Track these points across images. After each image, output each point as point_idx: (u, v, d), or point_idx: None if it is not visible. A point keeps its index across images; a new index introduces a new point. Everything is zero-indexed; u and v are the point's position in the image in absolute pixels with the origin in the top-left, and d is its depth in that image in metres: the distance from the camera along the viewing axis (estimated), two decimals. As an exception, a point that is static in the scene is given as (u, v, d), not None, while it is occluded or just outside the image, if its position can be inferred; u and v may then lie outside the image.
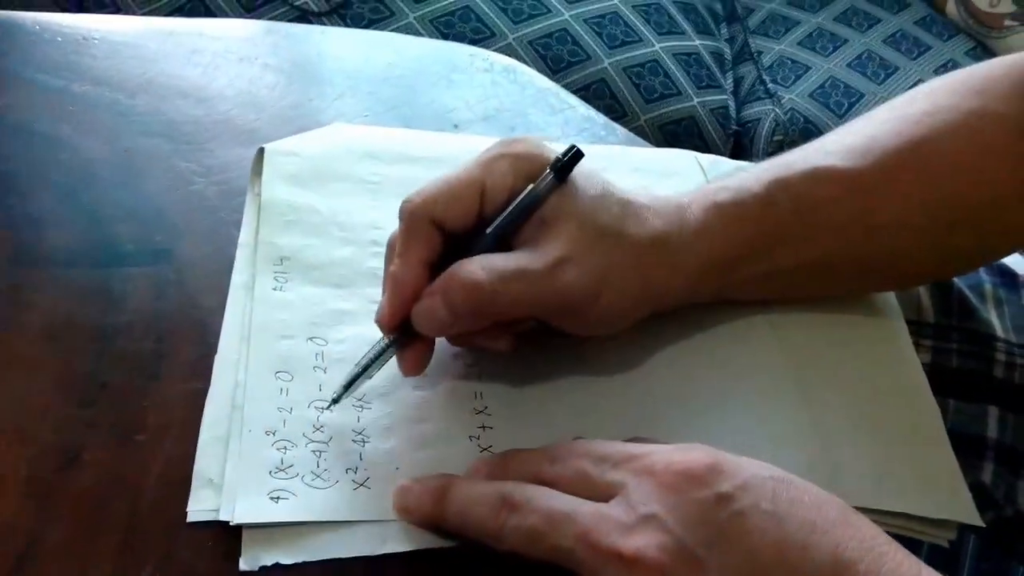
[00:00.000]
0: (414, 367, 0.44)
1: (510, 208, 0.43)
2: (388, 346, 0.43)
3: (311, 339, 0.47)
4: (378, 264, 0.51)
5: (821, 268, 0.51)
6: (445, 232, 0.43)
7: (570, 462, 0.40)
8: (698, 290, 0.48)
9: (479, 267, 0.41)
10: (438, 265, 0.43)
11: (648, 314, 0.47)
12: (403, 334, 0.43)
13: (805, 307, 0.53)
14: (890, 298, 0.55)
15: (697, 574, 0.35)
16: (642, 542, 0.36)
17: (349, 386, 0.43)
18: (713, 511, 0.36)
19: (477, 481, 0.41)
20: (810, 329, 0.52)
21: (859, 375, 0.50)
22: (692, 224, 0.47)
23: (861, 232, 0.50)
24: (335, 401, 0.43)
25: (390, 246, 0.45)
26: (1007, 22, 1.36)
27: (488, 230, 0.43)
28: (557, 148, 0.45)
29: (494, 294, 0.41)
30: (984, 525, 0.45)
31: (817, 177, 0.49)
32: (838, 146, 0.51)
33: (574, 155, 0.44)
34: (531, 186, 0.44)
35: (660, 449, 0.39)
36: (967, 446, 0.52)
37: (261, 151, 0.55)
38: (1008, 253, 0.57)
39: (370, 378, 0.43)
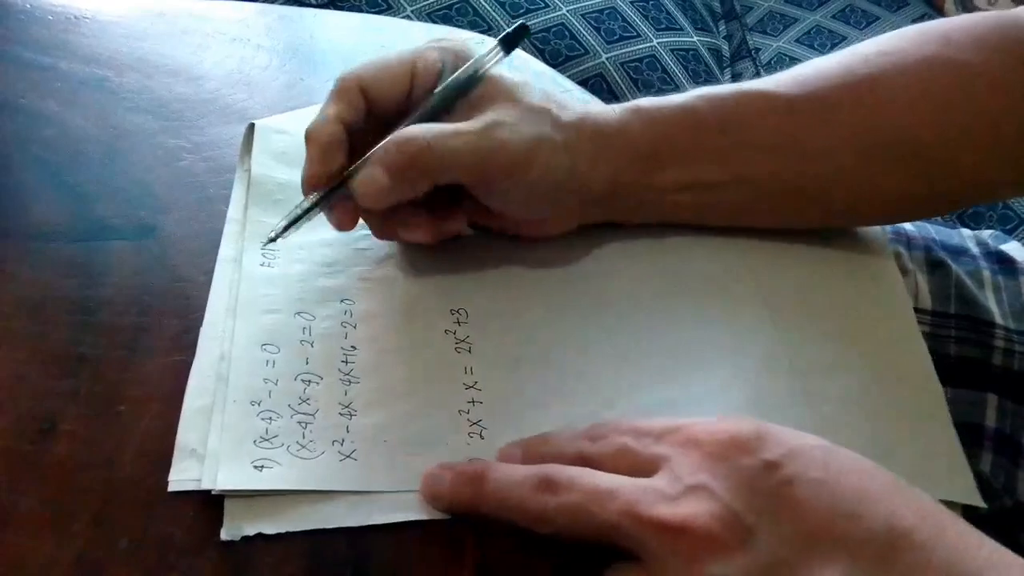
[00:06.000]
0: (347, 223, 0.46)
1: (448, 81, 0.45)
2: (314, 205, 0.45)
3: (298, 314, 0.46)
4: (366, 245, 0.50)
5: (749, 189, 0.51)
6: (370, 102, 0.45)
7: (611, 439, 0.39)
8: (624, 183, 0.49)
9: (416, 128, 0.43)
10: (362, 142, 0.45)
11: (582, 213, 0.50)
12: (329, 193, 0.45)
13: (801, 281, 0.52)
14: (896, 278, 0.54)
15: (746, 541, 0.34)
16: (689, 510, 0.35)
17: (285, 230, 0.45)
18: (761, 479, 0.35)
19: (514, 465, 0.40)
20: (808, 306, 0.51)
21: (859, 354, 0.49)
22: (614, 121, 0.49)
23: (791, 157, 0.50)
24: (271, 240, 0.46)
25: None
26: (1006, 21, 1.35)
27: (428, 101, 0.45)
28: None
29: (429, 148, 0.43)
30: (986, 506, 0.44)
31: (747, 98, 0.50)
32: (777, 77, 0.52)
33: (520, 28, 0.46)
34: (473, 60, 0.46)
35: (702, 420, 0.38)
36: (965, 435, 0.51)
37: (251, 127, 0.55)
38: (957, 206, 0.57)
39: (299, 229, 0.46)
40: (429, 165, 0.43)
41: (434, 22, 1.16)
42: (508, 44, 0.46)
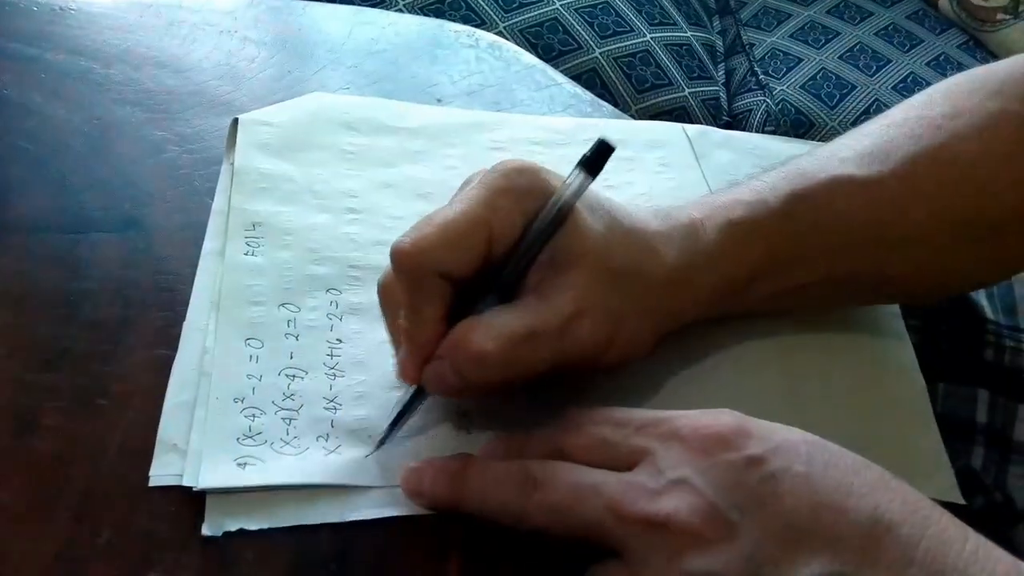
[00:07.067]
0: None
1: (524, 244, 0.40)
2: (417, 393, 0.41)
3: (283, 305, 0.45)
4: (353, 231, 0.50)
5: (839, 283, 0.49)
6: (453, 280, 0.39)
7: (588, 429, 0.38)
8: (710, 312, 0.47)
9: (487, 336, 0.38)
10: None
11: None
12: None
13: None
14: None
15: (730, 537, 0.34)
16: (672, 505, 0.34)
17: (393, 427, 0.41)
18: (744, 474, 0.34)
19: (496, 461, 0.39)
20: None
21: (844, 348, 0.49)
22: (705, 247, 0.45)
23: (883, 245, 0.48)
24: (380, 444, 0.40)
25: (386, 291, 0.42)
26: (1000, 16, 1.35)
27: (503, 273, 0.40)
28: (560, 177, 0.41)
29: (505, 363, 0.38)
30: (965, 503, 0.44)
31: (835, 188, 0.47)
32: (853, 152, 0.49)
33: (604, 150, 0.39)
34: (552, 201, 0.40)
35: (683, 414, 0.37)
36: (957, 430, 0.51)
37: (236, 122, 0.54)
38: None
39: (414, 415, 0.41)
40: (503, 376, 0.39)
41: (426, 15, 1.15)
42: (591, 167, 0.40)
